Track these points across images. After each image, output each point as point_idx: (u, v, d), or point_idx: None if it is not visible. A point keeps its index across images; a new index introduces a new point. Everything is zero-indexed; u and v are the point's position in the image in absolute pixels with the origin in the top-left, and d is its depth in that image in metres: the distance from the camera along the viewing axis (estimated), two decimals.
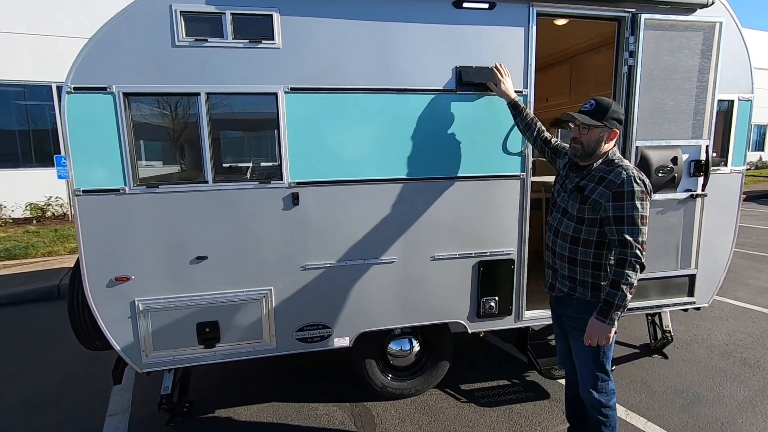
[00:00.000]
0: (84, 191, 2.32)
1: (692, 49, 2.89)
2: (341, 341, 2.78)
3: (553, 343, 3.72)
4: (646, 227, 1.91)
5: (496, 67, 2.63)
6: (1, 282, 5.65)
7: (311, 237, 2.61)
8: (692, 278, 3.18)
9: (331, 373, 3.45)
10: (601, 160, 2.03)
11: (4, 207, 9.04)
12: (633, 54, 2.84)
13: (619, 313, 1.92)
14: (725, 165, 3.23)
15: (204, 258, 2.50)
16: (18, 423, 2.90)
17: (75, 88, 2.24)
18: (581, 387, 2.21)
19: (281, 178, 2.52)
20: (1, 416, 2.98)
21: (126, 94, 2.29)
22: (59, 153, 9.90)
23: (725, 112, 3.15)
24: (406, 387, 3.09)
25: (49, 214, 9.27)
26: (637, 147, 2.90)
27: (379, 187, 2.65)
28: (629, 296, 1.89)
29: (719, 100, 3.02)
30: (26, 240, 7.47)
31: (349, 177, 2.60)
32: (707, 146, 3.02)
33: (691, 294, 3.21)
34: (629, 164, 1.99)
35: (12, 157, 9.92)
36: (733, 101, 3.13)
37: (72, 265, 2.88)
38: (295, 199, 2.55)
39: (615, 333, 1.99)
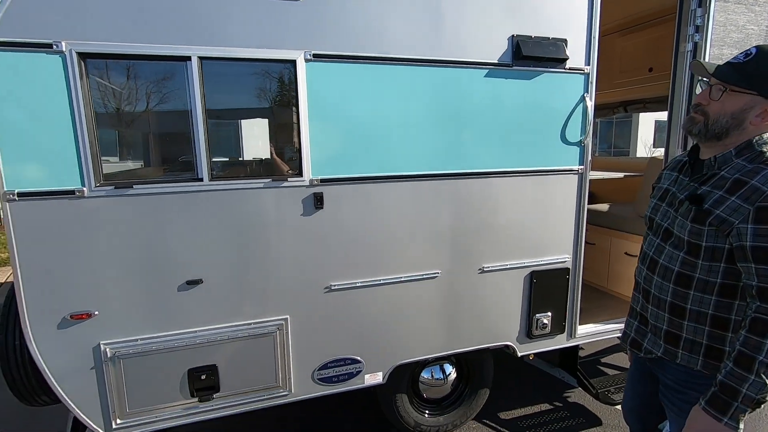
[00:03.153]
0: (20, 194, 1.61)
1: (759, 27, 2.57)
2: (373, 378, 2.23)
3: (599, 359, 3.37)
4: None
5: None
6: None
7: (338, 249, 2.03)
8: None
9: (343, 409, 2.87)
10: (741, 153, 1.25)
11: None
12: (700, 29, 2.46)
13: (749, 410, 1.17)
14: None
15: (197, 282, 1.85)
16: None
17: (3, 44, 1.52)
18: None
19: (300, 175, 1.92)
20: None
21: (83, 55, 1.61)
22: None
23: None
24: (443, 423, 2.58)
25: None
26: None
27: (422, 185, 2.11)
28: (758, 390, 1.13)
29: None
30: None
31: (386, 172, 2.04)
32: None
33: None
34: None
35: None
36: None
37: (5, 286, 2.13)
38: (318, 201, 1.95)
39: None
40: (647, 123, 16.49)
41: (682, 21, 2.55)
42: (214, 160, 1.85)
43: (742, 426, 1.17)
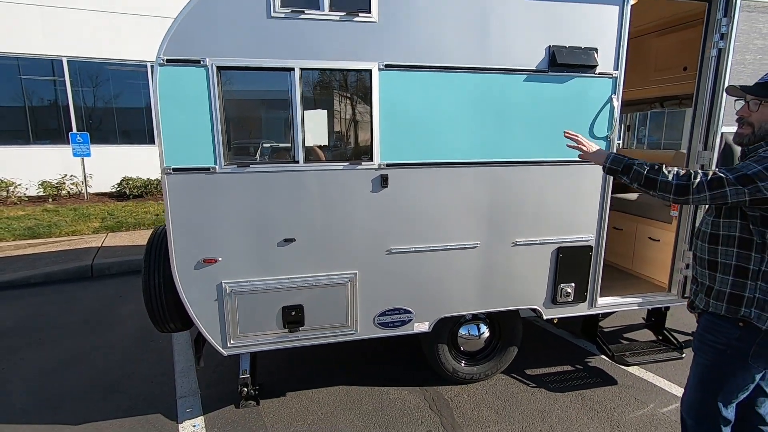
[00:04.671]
0: (174, 169, 2.22)
1: None
2: (421, 326, 2.75)
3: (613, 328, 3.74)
4: (745, 188, 1.46)
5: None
6: (30, 261, 5.55)
7: (398, 220, 2.55)
8: None
9: (392, 357, 3.43)
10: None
11: (18, 185, 8.84)
12: (724, 36, 2.75)
13: (616, 168, 1.68)
14: None
15: (291, 240, 2.43)
16: (87, 407, 2.86)
17: (168, 60, 2.12)
18: (683, 408, 1.85)
19: (371, 159, 2.44)
20: (68, 400, 2.94)
21: (219, 68, 2.18)
22: (72, 130, 9.69)
23: None
24: (476, 372, 3.08)
25: (64, 192, 9.09)
26: (722, 133, 2.83)
27: (467, 170, 2.58)
28: (637, 172, 1.61)
29: None
30: (47, 219, 7.33)
31: (439, 159, 2.52)
32: None
33: None
34: None
35: (22, 134, 9.68)
36: None
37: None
38: (384, 181, 2.47)
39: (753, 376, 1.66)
40: None
41: (708, 28, 2.83)
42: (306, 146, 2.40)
43: (607, 166, 1.71)
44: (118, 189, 9.40)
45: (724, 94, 2.78)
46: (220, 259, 2.37)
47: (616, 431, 2.64)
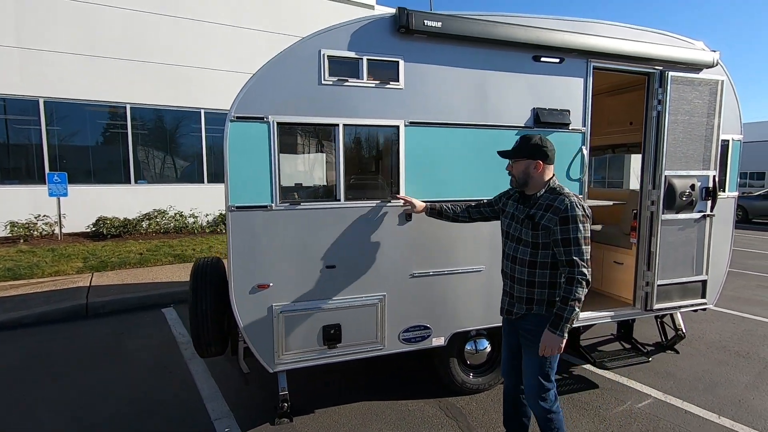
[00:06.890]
0: (237, 207, 2.61)
1: (703, 100, 3.66)
2: (438, 341, 3.17)
3: (598, 339, 4.30)
4: (589, 247, 2.13)
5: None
6: (17, 302, 5.46)
7: (419, 249, 3.02)
8: (704, 283, 3.88)
9: (401, 374, 3.78)
10: (544, 190, 2.25)
11: None
12: (661, 102, 3.55)
13: (569, 325, 2.12)
14: (723, 191, 4.00)
15: (333, 267, 2.83)
16: (127, 428, 3.00)
17: (237, 117, 2.56)
18: (527, 396, 2.40)
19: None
20: (105, 424, 3.06)
21: (279, 124, 2.64)
22: (46, 170, 9.54)
23: (723, 149, 3.94)
24: (481, 382, 3.50)
25: (36, 233, 8.84)
26: (665, 176, 3.59)
27: None
28: (577, 310, 2.09)
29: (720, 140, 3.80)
30: (25, 260, 7.15)
31: (451, 197, 3.06)
32: (714, 176, 3.77)
33: (703, 296, 3.91)
34: (569, 192, 2.22)
35: None
36: (728, 141, 3.94)
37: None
38: (408, 216, 2.96)
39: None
40: (637, 157, 17.73)
41: (649, 95, 3.64)
42: (347, 186, 2.86)
43: (566, 335, 2.12)
44: (94, 229, 9.26)
45: (665, 145, 3.56)
46: (271, 284, 2.72)
47: (604, 424, 3.12)
